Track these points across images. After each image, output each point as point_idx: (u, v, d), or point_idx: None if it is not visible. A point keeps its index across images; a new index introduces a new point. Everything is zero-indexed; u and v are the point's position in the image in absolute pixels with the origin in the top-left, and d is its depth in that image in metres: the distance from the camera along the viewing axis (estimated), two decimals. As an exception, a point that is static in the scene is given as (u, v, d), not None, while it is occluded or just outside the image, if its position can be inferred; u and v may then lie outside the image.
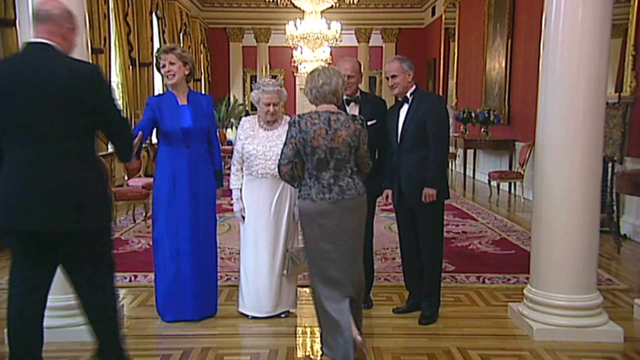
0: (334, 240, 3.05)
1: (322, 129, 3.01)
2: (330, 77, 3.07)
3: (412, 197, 3.62)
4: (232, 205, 3.87)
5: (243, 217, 3.76)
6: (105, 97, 2.54)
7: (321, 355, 3.21)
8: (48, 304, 3.35)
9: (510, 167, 9.22)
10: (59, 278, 3.37)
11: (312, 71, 3.16)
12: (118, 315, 2.80)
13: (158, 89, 11.51)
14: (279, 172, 3.15)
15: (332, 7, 11.82)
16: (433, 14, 15.46)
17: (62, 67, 2.45)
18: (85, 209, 2.51)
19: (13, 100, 2.40)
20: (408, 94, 3.66)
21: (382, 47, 17.19)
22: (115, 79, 9.40)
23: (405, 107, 3.66)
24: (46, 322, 3.36)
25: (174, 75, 3.63)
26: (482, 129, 9.75)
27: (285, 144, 3.10)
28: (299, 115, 3.08)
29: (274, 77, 3.83)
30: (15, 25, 5.65)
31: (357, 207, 3.11)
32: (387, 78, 3.71)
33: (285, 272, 3.70)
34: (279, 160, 3.12)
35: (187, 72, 3.69)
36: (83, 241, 2.56)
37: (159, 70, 3.73)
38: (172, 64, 3.61)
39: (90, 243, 2.59)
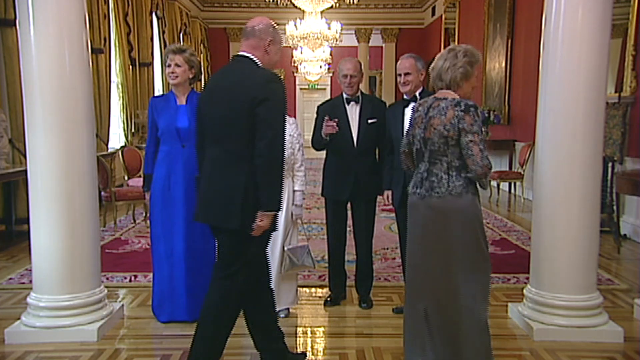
0: (418, 241, 2.78)
1: (421, 116, 2.77)
2: (437, 61, 2.78)
3: None
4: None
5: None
6: (268, 107, 2.60)
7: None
8: (46, 304, 3.39)
9: (510, 167, 9.22)
10: (58, 277, 3.40)
11: None
12: (220, 317, 2.83)
13: (158, 88, 11.52)
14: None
15: (332, 7, 11.82)
16: (433, 14, 15.46)
17: (247, 77, 2.68)
18: (232, 209, 2.66)
19: (210, 105, 2.75)
20: (417, 94, 3.62)
21: (382, 47, 17.18)
22: (115, 79, 9.40)
23: (412, 107, 3.60)
24: (46, 322, 3.39)
25: (176, 77, 3.64)
26: (482, 129, 9.73)
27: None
28: (419, 102, 2.89)
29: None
30: (15, 25, 5.66)
31: (449, 209, 2.67)
32: (400, 75, 3.63)
33: (282, 270, 3.70)
34: None
35: (191, 76, 3.70)
36: (224, 236, 2.77)
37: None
38: (178, 65, 3.61)
39: (228, 239, 2.76)
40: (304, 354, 3.19)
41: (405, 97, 3.67)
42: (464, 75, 2.74)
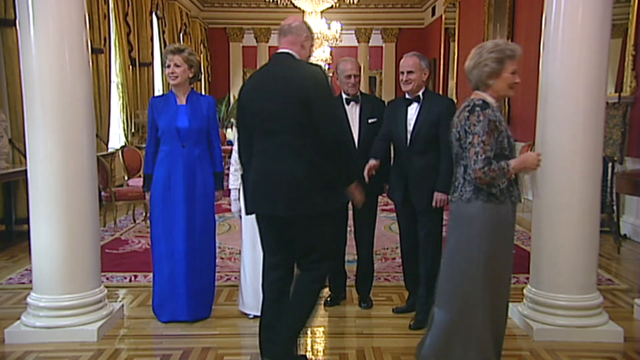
0: (445, 242, 2.76)
1: (454, 119, 2.70)
2: (467, 61, 2.66)
3: (420, 200, 3.55)
4: (231, 205, 3.88)
5: (241, 217, 3.77)
6: (321, 95, 2.74)
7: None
8: (46, 304, 3.39)
9: (510, 167, 9.20)
10: (58, 277, 3.40)
11: None
12: (304, 310, 2.87)
13: (158, 88, 11.51)
14: None
15: (332, 7, 11.82)
16: (433, 14, 15.45)
17: (294, 71, 2.81)
18: (299, 197, 2.75)
19: (258, 101, 2.83)
20: (420, 93, 3.59)
21: (382, 47, 17.18)
22: (115, 79, 9.39)
23: (415, 106, 3.58)
24: (46, 322, 3.39)
25: (176, 77, 3.64)
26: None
27: None
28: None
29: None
30: (15, 25, 5.66)
31: (459, 215, 2.59)
32: (402, 73, 3.59)
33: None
34: None
35: (191, 75, 3.70)
36: (300, 225, 2.82)
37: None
38: (177, 65, 3.62)
39: (305, 227, 2.82)
40: (304, 356, 3.18)
41: (407, 96, 3.62)
42: (490, 74, 2.57)
